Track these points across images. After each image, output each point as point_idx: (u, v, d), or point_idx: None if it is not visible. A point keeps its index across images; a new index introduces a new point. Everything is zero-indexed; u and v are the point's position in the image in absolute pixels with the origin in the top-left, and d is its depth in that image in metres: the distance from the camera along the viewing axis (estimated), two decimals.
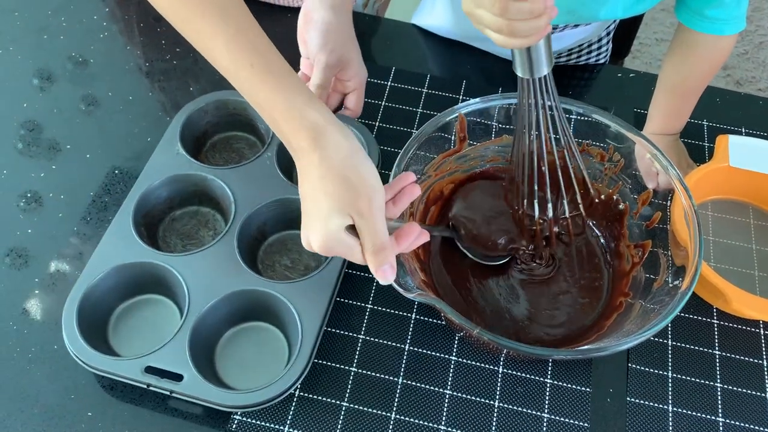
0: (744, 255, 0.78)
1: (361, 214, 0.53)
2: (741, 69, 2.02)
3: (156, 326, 0.69)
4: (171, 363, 0.63)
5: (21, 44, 0.95)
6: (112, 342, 0.69)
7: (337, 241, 0.54)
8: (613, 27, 0.99)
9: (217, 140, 0.84)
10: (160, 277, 0.70)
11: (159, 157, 0.77)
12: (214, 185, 0.75)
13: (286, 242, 0.76)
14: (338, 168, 0.53)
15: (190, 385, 0.62)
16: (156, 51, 0.95)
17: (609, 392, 0.69)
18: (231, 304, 0.68)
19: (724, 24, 0.75)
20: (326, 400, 0.67)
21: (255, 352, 0.69)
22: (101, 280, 0.68)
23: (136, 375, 0.63)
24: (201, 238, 0.76)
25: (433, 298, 0.59)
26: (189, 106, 0.81)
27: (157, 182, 0.75)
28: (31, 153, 0.84)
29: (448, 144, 0.74)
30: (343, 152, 0.53)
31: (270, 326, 0.70)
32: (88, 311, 0.67)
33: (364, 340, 0.71)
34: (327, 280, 0.69)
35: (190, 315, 0.66)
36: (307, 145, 0.53)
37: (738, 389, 0.69)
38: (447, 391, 0.68)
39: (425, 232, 0.57)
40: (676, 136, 0.85)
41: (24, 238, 0.77)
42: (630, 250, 0.72)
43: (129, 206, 0.72)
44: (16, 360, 0.68)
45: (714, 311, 0.74)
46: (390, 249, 0.54)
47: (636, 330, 0.61)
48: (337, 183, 0.53)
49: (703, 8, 0.74)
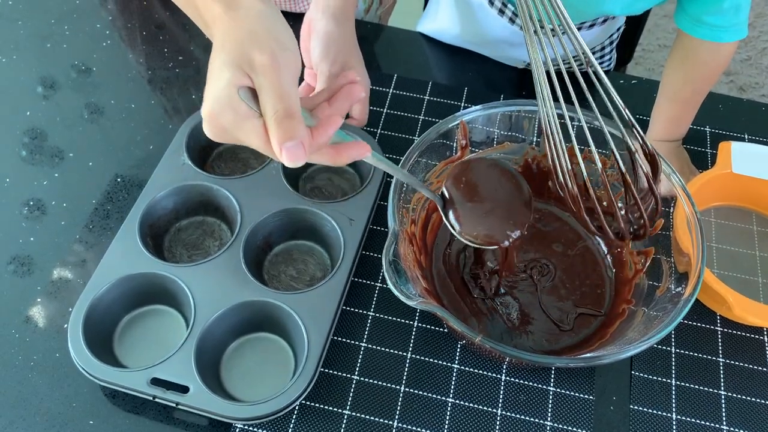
0: (747, 262, 0.77)
1: (261, 70, 0.43)
2: (744, 75, 2.02)
3: (161, 337, 0.69)
4: (177, 374, 0.63)
5: (24, 53, 0.96)
6: (117, 353, 0.68)
7: (224, 104, 0.43)
8: (617, 36, 0.99)
9: (222, 150, 0.84)
10: (165, 288, 0.69)
11: (165, 167, 0.77)
12: (219, 195, 0.75)
13: (292, 252, 0.76)
14: (245, 22, 0.45)
15: (196, 397, 0.62)
16: (158, 59, 0.95)
17: (612, 400, 0.68)
18: (237, 314, 0.68)
19: (723, 31, 0.75)
20: (328, 409, 0.67)
21: (260, 362, 0.69)
22: (107, 291, 0.68)
23: (142, 387, 0.63)
24: (207, 248, 0.76)
25: (435, 306, 0.59)
26: (195, 116, 0.81)
27: (163, 192, 0.75)
28: (35, 161, 0.84)
29: (450, 151, 0.74)
30: (255, 11, 0.46)
31: (275, 337, 0.70)
32: (94, 322, 0.66)
33: (366, 348, 0.70)
34: (333, 291, 0.69)
35: (196, 326, 0.66)
36: (219, 11, 0.46)
37: (742, 397, 0.69)
38: (449, 399, 0.68)
39: (365, 145, 0.49)
40: (678, 142, 0.85)
41: (27, 245, 0.77)
42: (633, 257, 0.72)
43: (135, 216, 0.72)
44: (18, 368, 0.68)
45: (717, 318, 0.74)
46: (300, 120, 0.43)
47: (639, 337, 0.61)
48: (239, 36, 0.44)
49: (701, 15, 0.74)
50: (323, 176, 0.83)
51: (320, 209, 0.74)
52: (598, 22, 0.90)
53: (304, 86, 0.83)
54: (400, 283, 0.59)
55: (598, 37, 0.95)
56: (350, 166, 0.82)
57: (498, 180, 0.67)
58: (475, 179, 0.66)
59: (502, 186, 0.67)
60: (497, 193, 0.66)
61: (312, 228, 0.75)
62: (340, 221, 0.73)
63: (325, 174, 0.83)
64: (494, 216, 0.65)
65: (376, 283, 0.75)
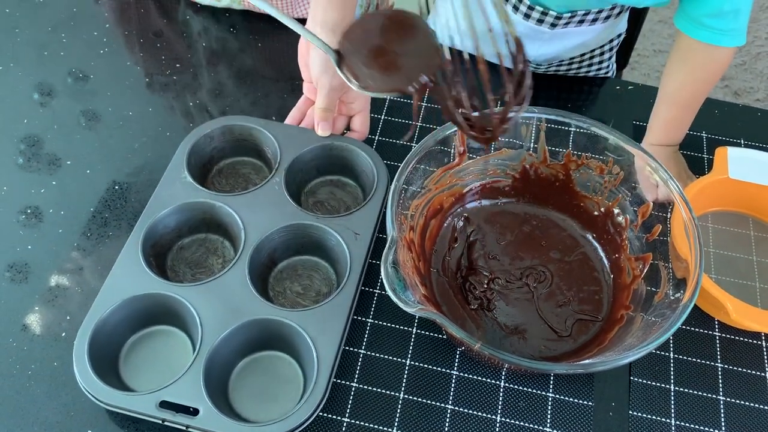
0: (745, 267, 0.78)
1: None
2: (739, 79, 2.03)
3: (167, 358, 0.68)
4: (186, 397, 0.62)
5: (21, 61, 0.96)
6: (123, 375, 0.67)
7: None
8: (617, 43, 1.00)
9: (223, 166, 0.84)
10: (170, 308, 0.68)
11: (166, 185, 0.76)
12: (222, 212, 0.75)
13: (297, 268, 0.76)
14: None
15: (206, 419, 0.61)
16: (156, 66, 0.95)
17: (611, 406, 0.68)
18: (244, 333, 0.67)
19: (721, 35, 0.75)
20: (327, 416, 0.66)
21: (268, 381, 0.68)
22: (112, 313, 0.67)
23: (151, 410, 0.62)
24: (210, 266, 0.75)
25: (434, 313, 0.59)
26: (195, 132, 0.80)
27: (165, 211, 0.73)
28: (32, 168, 0.84)
29: (448, 158, 0.74)
30: None
31: (283, 355, 0.69)
32: (99, 345, 0.65)
33: (365, 355, 0.70)
34: (342, 306, 0.68)
35: (203, 346, 0.64)
36: None
37: (741, 402, 0.69)
38: (449, 405, 0.68)
39: None
40: (675, 147, 0.85)
41: (24, 253, 0.77)
42: (630, 263, 0.72)
43: (137, 236, 0.71)
44: (16, 377, 0.68)
45: (715, 323, 0.74)
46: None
47: (638, 343, 0.61)
48: None
49: (701, 17, 0.75)
50: (325, 190, 0.82)
51: (324, 224, 0.73)
52: (601, 17, 0.91)
53: (304, 100, 0.83)
54: (399, 290, 0.59)
55: (600, 38, 0.95)
56: (352, 179, 0.83)
57: (399, 26, 0.62)
58: (373, 28, 0.62)
59: (404, 32, 0.61)
60: (398, 41, 0.61)
61: (317, 243, 0.74)
62: (345, 235, 0.72)
63: (327, 188, 0.82)
64: (396, 61, 0.60)
65: (375, 290, 0.75)
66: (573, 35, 0.93)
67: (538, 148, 0.75)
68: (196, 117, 0.90)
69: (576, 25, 0.90)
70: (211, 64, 0.96)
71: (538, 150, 0.76)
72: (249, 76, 0.94)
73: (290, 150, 0.79)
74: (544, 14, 0.88)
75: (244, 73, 0.95)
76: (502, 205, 0.80)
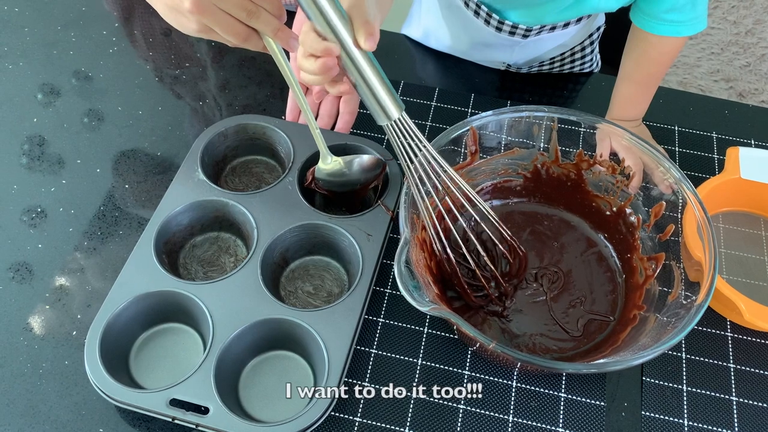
0: (756, 267, 0.77)
1: None
2: (744, 81, 2.03)
3: (177, 355, 0.68)
4: (196, 395, 0.62)
5: (30, 59, 0.95)
6: (133, 372, 0.67)
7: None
8: (597, 36, 0.99)
9: (236, 164, 0.84)
10: (181, 306, 0.68)
11: (179, 183, 0.76)
12: (235, 211, 0.75)
13: (309, 268, 0.75)
14: None
15: (216, 418, 0.61)
16: (165, 65, 0.95)
17: (623, 406, 0.68)
18: (255, 333, 0.67)
19: (682, 26, 0.76)
20: (339, 416, 0.66)
21: (279, 381, 0.67)
22: (123, 309, 0.67)
23: (162, 408, 0.61)
24: (222, 264, 0.75)
25: (449, 312, 0.59)
26: (209, 130, 0.80)
27: (179, 208, 0.73)
28: (41, 168, 0.84)
29: (460, 157, 0.74)
30: None
31: (293, 354, 0.69)
32: (111, 341, 0.65)
33: (376, 355, 0.70)
34: (353, 307, 0.68)
35: (215, 345, 0.64)
36: None
37: (754, 402, 0.68)
38: (460, 405, 0.67)
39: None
40: (638, 121, 0.88)
41: (32, 252, 0.76)
42: (643, 262, 0.72)
43: (150, 233, 0.71)
44: (26, 375, 0.68)
45: (728, 324, 0.74)
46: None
47: (652, 343, 0.61)
48: None
49: (659, 13, 0.76)
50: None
51: (337, 224, 0.73)
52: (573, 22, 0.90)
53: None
54: (413, 289, 0.59)
55: (578, 36, 0.95)
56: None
57: None
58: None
59: None
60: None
61: (329, 243, 0.74)
62: (358, 236, 0.72)
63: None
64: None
65: (386, 290, 0.75)
66: (549, 40, 0.93)
67: (550, 147, 0.75)
68: (207, 115, 0.90)
69: (549, 32, 0.90)
70: (221, 62, 0.96)
71: (550, 149, 0.76)
72: (259, 74, 0.94)
73: (304, 149, 0.79)
74: (515, 27, 0.88)
75: (255, 71, 0.95)
76: (514, 204, 0.80)
